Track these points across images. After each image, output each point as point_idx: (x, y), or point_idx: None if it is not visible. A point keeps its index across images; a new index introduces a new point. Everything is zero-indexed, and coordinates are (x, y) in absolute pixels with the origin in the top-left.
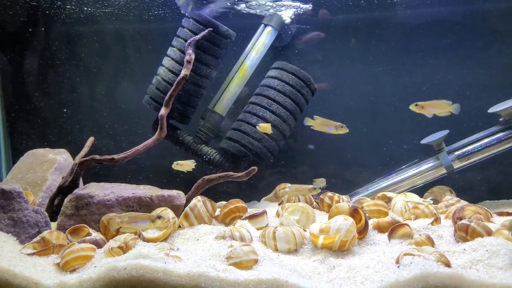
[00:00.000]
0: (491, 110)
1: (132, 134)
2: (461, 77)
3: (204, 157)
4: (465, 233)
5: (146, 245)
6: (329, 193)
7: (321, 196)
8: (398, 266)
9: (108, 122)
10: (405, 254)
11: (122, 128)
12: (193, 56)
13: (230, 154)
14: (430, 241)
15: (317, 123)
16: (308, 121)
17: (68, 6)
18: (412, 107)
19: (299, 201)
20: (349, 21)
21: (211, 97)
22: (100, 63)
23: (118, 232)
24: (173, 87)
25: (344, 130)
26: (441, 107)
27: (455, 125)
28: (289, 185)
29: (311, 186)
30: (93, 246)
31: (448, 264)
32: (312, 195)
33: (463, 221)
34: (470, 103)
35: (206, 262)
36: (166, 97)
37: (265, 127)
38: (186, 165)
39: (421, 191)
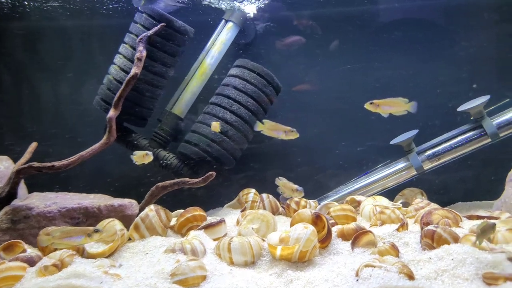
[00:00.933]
0: (460, 108)
1: (83, 139)
2: (428, 74)
3: (161, 162)
4: (431, 240)
5: (83, 262)
6: (296, 198)
7: (288, 202)
8: (357, 280)
9: (57, 126)
10: (366, 266)
11: (73, 132)
12: (144, 53)
13: (188, 158)
14: (394, 250)
15: (266, 128)
16: (258, 126)
17: (3, 1)
18: (367, 106)
19: (265, 208)
20: (312, 18)
21: (170, 98)
22: (48, 62)
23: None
24: (122, 87)
25: (294, 135)
26: (397, 105)
27: (426, 124)
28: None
29: (295, 187)
30: (24, 264)
31: (411, 276)
32: (279, 201)
33: (429, 227)
34: (440, 101)
35: (147, 281)
36: (115, 98)
37: (214, 126)
38: (140, 157)
39: (394, 193)
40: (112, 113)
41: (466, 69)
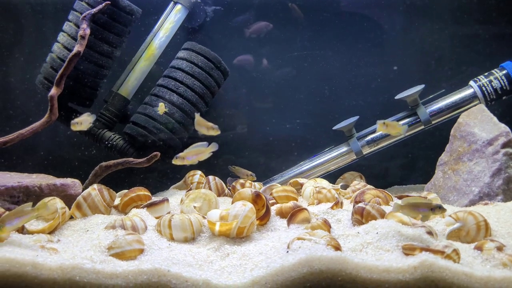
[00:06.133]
0: (398, 97)
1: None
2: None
3: (106, 142)
4: (360, 216)
5: (20, 237)
6: (241, 180)
7: (233, 183)
8: (288, 251)
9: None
10: (297, 239)
11: (15, 112)
12: (87, 31)
13: (134, 139)
14: (326, 225)
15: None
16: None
17: None
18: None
19: (211, 189)
20: (265, 5)
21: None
22: None
23: None
24: (64, 65)
25: (215, 132)
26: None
27: (368, 111)
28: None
29: (249, 172)
30: None
31: (338, 248)
32: (226, 183)
33: (359, 205)
34: (381, 91)
35: (83, 254)
36: (57, 76)
37: (160, 107)
38: (85, 121)
39: (337, 177)
40: (54, 91)
41: (405, 61)
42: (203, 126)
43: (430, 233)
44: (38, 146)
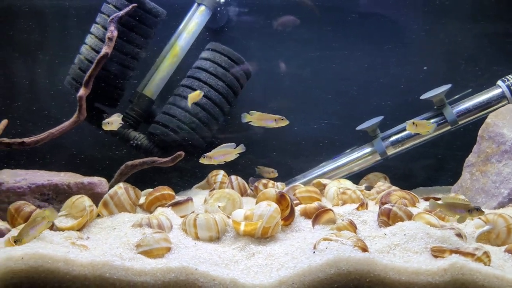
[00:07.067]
0: (423, 96)
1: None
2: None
3: (131, 142)
4: (387, 218)
5: (51, 234)
6: (264, 180)
7: (256, 184)
8: (314, 252)
9: (28, 106)
10: (323, 240)
11: (43, 112)
12: (115, 33)
13: (159, 139)
14: (352, 226)
15: (255, 118)
16: (246, 117)
17: None
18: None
19: (233, 189)
20: (289, 5)
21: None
22: (18, 41)
23: (26, 220)
24: (92, 66)
25: (284, 122)
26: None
27: (393, 111)
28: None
29: (270, 169)
30: None
31: (365, 249)
32: (248, 183)
33: (385, 206)
34: (405, 91)
35: (113, 251)
36: (85, 77)
37: (194, 96)
38: (115, 121)
39: (360, 178)
40: (82, 92)
41: (431, 61)
42: (269, 119)
43: (459, 235)
44: (66, 145)
